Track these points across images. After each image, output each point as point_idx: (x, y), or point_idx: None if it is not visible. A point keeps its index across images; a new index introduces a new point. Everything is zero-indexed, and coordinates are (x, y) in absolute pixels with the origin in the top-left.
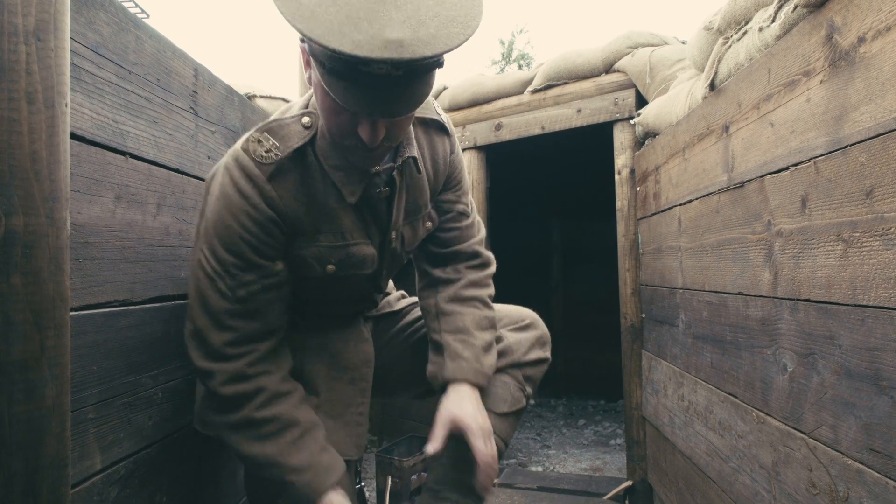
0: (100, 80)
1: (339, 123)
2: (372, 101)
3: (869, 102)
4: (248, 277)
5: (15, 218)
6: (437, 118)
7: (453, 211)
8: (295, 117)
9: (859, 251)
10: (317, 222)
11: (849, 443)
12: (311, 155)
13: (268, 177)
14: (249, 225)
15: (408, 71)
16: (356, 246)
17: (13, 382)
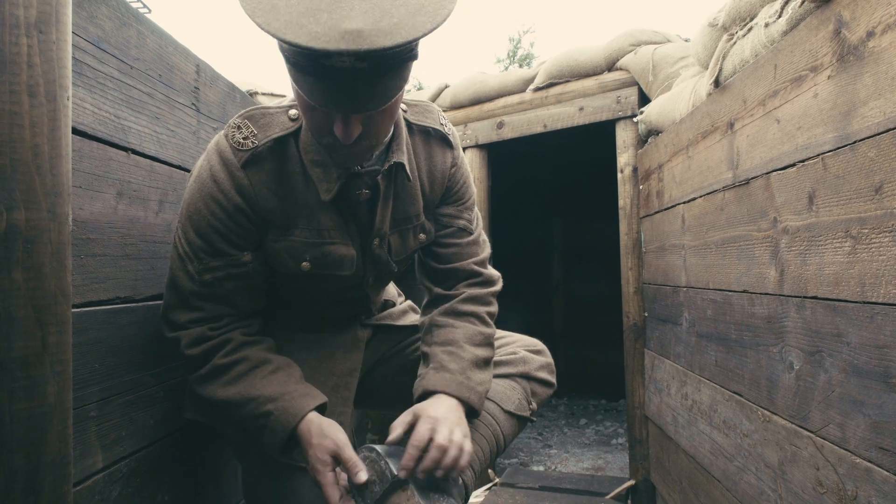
0: (101, 75)
1: (315, 121)
2: (337, 95)
3: (878, 97)
4: (214, 263)
5: (16, 212)
6: (439, 128)
7: (453, 226)
8: (283, 108)
9: (868, 247)
10: (291, 216)
11: (857, 441)
12: (294, 147)
13: (241, 164)
14: (217, 211)
15: (373, 63)
16: (333, 245)
17: (14, 379)
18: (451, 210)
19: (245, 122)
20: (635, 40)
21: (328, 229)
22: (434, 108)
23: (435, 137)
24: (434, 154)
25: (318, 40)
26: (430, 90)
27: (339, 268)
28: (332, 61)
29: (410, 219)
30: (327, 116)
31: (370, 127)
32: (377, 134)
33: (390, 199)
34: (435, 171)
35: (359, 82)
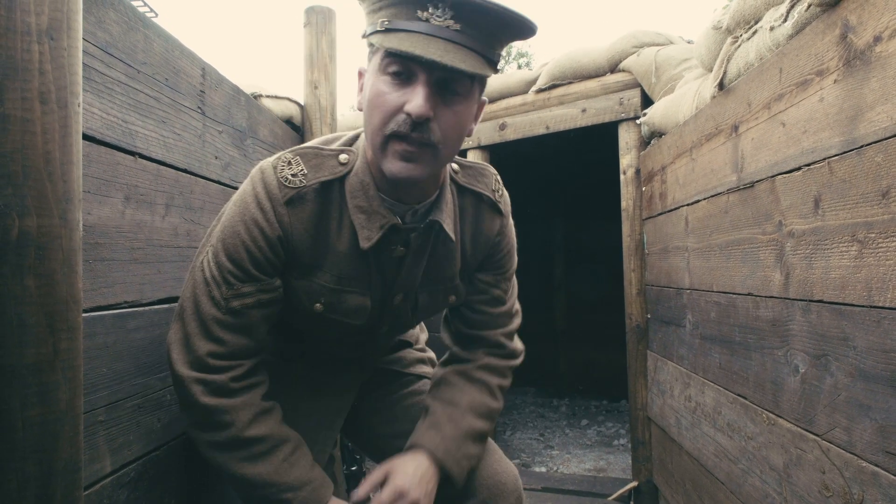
0: (109, 80)
1: (387, 104)
2: (427, 45)
3: (885, 102)
4: (245, 289)
5: (28, 219)
6: (490, 195)
7: (488, 293)
8: (334, 152)
9: (875, 252)
10: (318, 259)
11: (864, 445)
12: (337, 192)
13: (285, 200)
14: (257, 235)
15: (467, 23)
16: (350, 294)
17: (27, 386)
18: (489, 278)
19: (297, 160)
20: (638, 42)
21: (349, 278)
22: (489, 173)
23: (487, 203)
24: (482, 219)
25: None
26: None
27: (351, 316)
28: (430, 15)
29: (443, 280)
30: (404, 92)
31: (440, 119)
32: (443, 135)
33: (423, 258)
34: (479, 236)
35: (449, 43)
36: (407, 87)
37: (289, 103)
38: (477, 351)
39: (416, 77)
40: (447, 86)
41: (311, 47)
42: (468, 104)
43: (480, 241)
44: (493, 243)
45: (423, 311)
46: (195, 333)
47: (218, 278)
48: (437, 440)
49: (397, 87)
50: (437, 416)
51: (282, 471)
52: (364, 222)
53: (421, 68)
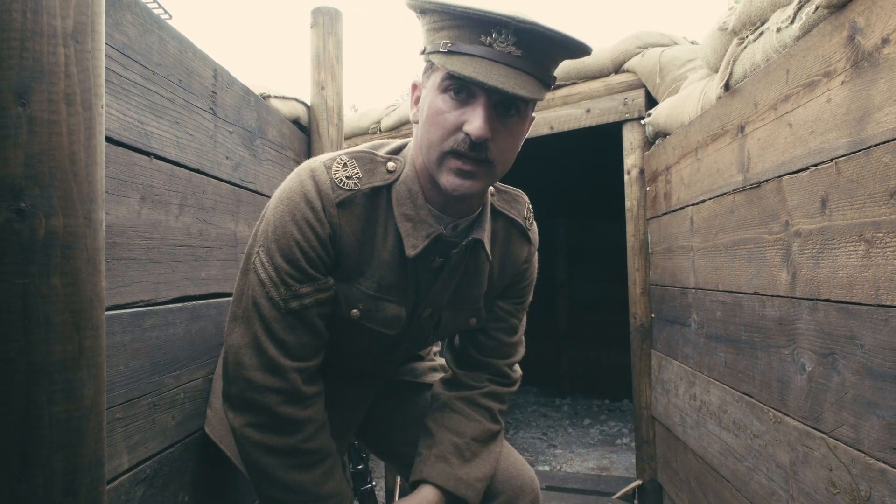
0: (126, 81)
1: (447, 123)
2: (490, 71)
3: (894, 103)
4: (303, 289)
5: (55, 219)
6: (522, 223)
7: (505, 322)
8: (384, 158)
9: (883, 251)
10: (361, 265)
11: (871, 442)
12: (384, 199)
13: (338, 202)
14: (310, 235)
15: (528, 54)
16: (388, 303)
17: (53, 382)
18: (509, 306)
19: (353, 163)
20: (642, 43)
21: (388, 286)
22: (523, 200)
23: (517, 229)
24: (512, 244)
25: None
26: None
27: (386, 325)
28: (492, 37)
29: (469, 300)
30: (463, 111)
31: (497, 140)
32: (499, 154)
33: (458, 274)
34: (507, 261)
35: (510, 69)
36: (466, 106)
37: (296, 104)
38: (482, 378)
39: (476, 99)
40: (505, 108)
41: (317, 48)
42: (523, 124)
43: (508, 266)
44: (520, 271)
45: (444, 330)
46: (262, 335)
47: (275, 279)
48: (446, 474)
49: (457, 107)
50: (444, 447)
51: (320, 482)
52: (410, 230)
53: (482, 91)
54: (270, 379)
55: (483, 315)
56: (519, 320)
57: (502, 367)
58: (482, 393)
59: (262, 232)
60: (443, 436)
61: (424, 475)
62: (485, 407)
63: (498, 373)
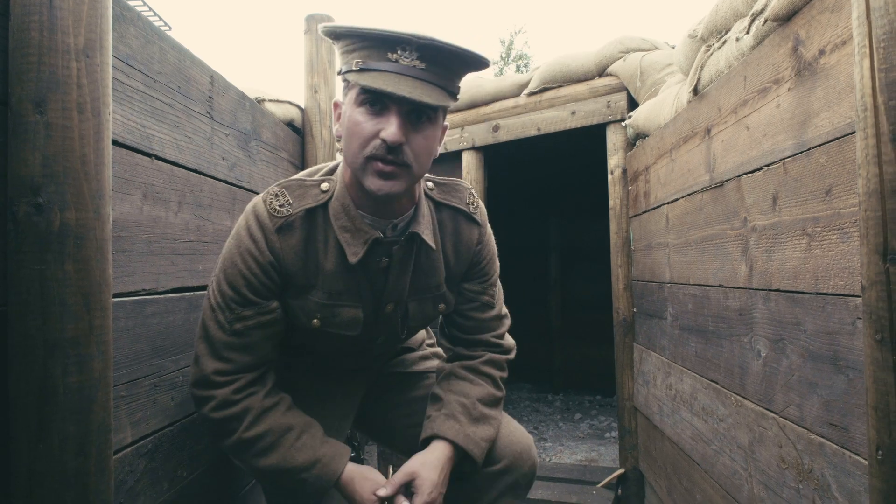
0: (129, 89)
1: (364, 132)
2: (399, 83)
3: (828, 109)
4: (245, 312)
5: (68, 212)
6: (465, 208)
7: (477, 301)
8: (316, 181)
9: (820, 244)
10: (310, 278)
11: (812, 419)
12: (321, 217)
13: (275, 228)
14: (252, 264)
15: (432, 69)
16: (343, 308)
17: (67, 357)
18: (476, 286)
19: (283, 192)
20: (624, 47)
21: (340, 293)
22: (463, 188)
23: (461, 215)
24: (461, 230)
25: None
26: None
27: (346, 328)
28: (398, 54)
29: (430, 289)
30: (378, 121)
31: (412, 144)
32: (412, 163)
33: (408, 268)
34: (461, 246)
35: (416, 81)
36: (381, 116)
37: (290, 107)
38: (478, 349)
39: (389, 109)
40: (416, 115)
41: (311, 53)
42: (434, 129)
43: (462, 250)
44: (475, 252)
45: (415, 320)
46: (204, 354)
47: (221, 304)
48: (455, 429)
49: (372, 117)
50: (452, 407)
51: (289, 457)
52: (349, 240)
53: (393, 102)
54: (202, 391)
55: (450, 300)
56: (491, 296)
57: (490, 339)
58: (482, 361)
59: (217, 266)
60: (450, 398)
61: (435, 430)
62: (486, 374)
63: (490, 344)
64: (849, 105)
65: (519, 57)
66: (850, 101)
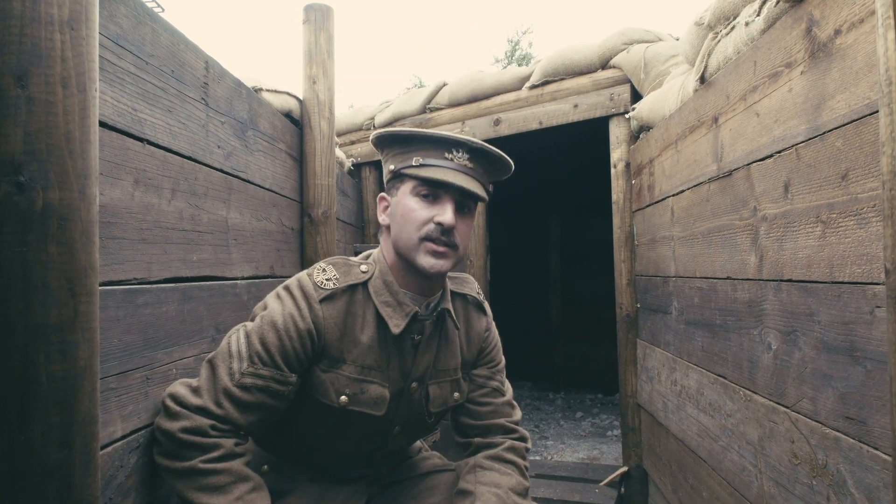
0: (120, 70)
1: (420, 217)
2: (455, 177)
3: (844, 91)
4: (263, 371)
5: (52, 192)
6: (475, 296)
7: (487, 387)
8: (356, 263)
9: (836, 231)
10: (344, 351)
11: (827, 413)
12: (361, 293)
13: (321, 300)
14: (291, 328)
15: (477, 165)
16: (371, 384)
17: (50, 343)
18: (485, 371)
19: (330, 268)
20: (628, 39)
21: (371, 368)
22: (471, 280)
23: (472, 304)
24: (472, 317)
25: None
26: (430, 88)
27: (373, 406)
28: (451, 153)
29: (449, 371)
30: (433, 208)
31: (458, 228)
32: (461, 240)
33: (434, 345)
34: (472, 332)
35: (466, 176)
36: (435, 205)
37: (288, 97)
38: (496, 436)
39: (443, 198)
40: (461, 207)
41: (309, 43)
42: (472, 218)
43: (473, 337)
44: (484, 339)
45: (435, 405)
46: (205, 386)
47: (244, 354)
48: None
49: (427, 205)
50: (487, 499)
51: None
52: (391, 313)
53: (448, 192)
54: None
55: (464, 389)
56: (500, 382)
57: (507, 424)
58: (505, 448)
59: (254, 322)
60: (482, 490)
61: None
62: (512, 462)
63: (507, 429)
64: (867, 85)
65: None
66: (868, 80)
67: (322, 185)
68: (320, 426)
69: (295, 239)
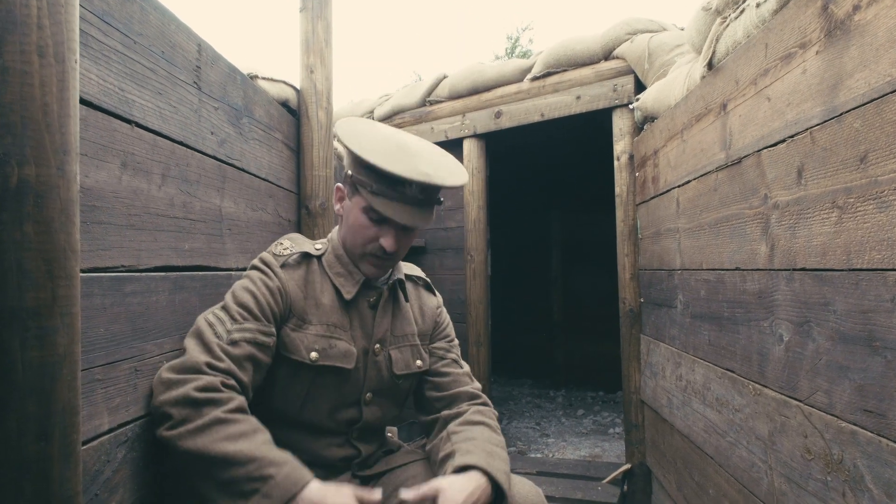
0: (106, 48)
1: (366, 235)
2: (403, 213)
3: (863, 69)
4: (248, 325)
5: (27, 168)
6: (425, 278)
7: (447, 358)
8: (312, 242)
9: (854, 216)
10: (310, 310)
11: (843, 406)
12: (316, 265)
13: (280, 265)
14: (260, 285)
15: (427, 196)
16: (339, 340)
17: (26, 329)
18: (444, 344)
19: (286, 241)
20: (631, 29)
21: (335, 326)
22: (418, 269)
23: (421, 285)
24: (423, 296)
25: (406, 172)
26: (429, 80)
27: (343, 360)
28: (405, 188)
29: (408, 337)
30: (379, 232)
31: (402, 243)
32: (402, 252)
33: (389, 310)
34: (425, 308)
35: (415, 208)
36: (381, 227)
37: (285, 86)
38: (462, 404)
39: (389, 224)
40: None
41: (307, 32)
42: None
43: (427, 311)
44: (438, 314)
45: (398, 368)
46: (195, 351)
47: (223, 317)
48: (481, 457)
49: (374, 225)
50: (466, 448)
51: (264, 449)
52: (343, 282)
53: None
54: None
55: (426, 357)
56: (457, 355)
57: (471, 390)
58: (472, 412)
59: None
60: (459, 445)
61: (459, 462)
62: (482, 422)
63: (471, 395)
64: (889, 62)
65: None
66: (890, 57)
67: (320, 177)
68: (296, 388)
69: (292, 231)
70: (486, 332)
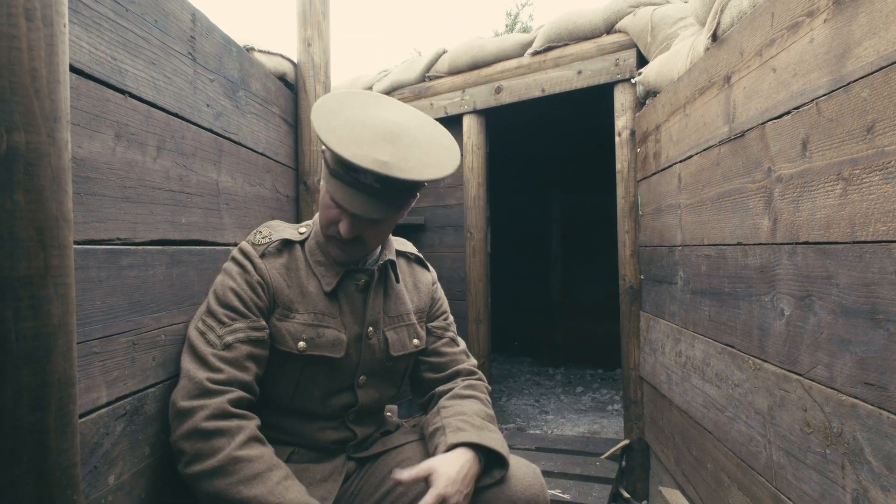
0: (97, 15)
1: (328, 216)
2: (353, 201)
3: (872, 36)
4: (237, 325)
5: (16, 134)
6: (417, 254)
7: (445, 337)
8: (295, 226)
9: (859, 188)
10: (295, 299)
11: (843, 379)
12: (299, 251)
13: (259, 254)
14: (241, 282)
15: (385, 187)
16: (327, 328)
17: (19, 299)
18: (440, 322)
19: (265, 228)
20: (634, 1)
21: (323, 314)
22: (410, 244)
23: (415, 260)
24: (416, 272)
25: (356, 158)
26: (429, 55)
27: (331, 349)
28: (358, 175)
29: (402, 317)
30: (338, 214)
31: (364, 234)
32: (368, 241)
33: (381, 292)
34: (420, 285)
35: (371, 198)
36: (341, 210)
37: (282, 60)
38: (456, 379)
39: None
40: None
41: (304, 3)
42: (389, 222)
43: (422, 287)
44: (433, 290)
45: (394, 349)
46: (195, 369)
47: (212, 323)
48: (466, 433)
49: (335, 207)
50: (456, 424)
51: (277, 493)
52: (323, 272)
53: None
54: (195, 401)
55: (422, 336)
56: (454, 334)
57: (466, 368)
58: (462, 386)
59: (207, 301)
60: (448, 421)
61: (448, 442)
62: (472, 395)
63: (467, 372)
64: None
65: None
66: None
67: (318, 152)
68: (286, 377)
69: (290, 207)
70: (486, 309)
